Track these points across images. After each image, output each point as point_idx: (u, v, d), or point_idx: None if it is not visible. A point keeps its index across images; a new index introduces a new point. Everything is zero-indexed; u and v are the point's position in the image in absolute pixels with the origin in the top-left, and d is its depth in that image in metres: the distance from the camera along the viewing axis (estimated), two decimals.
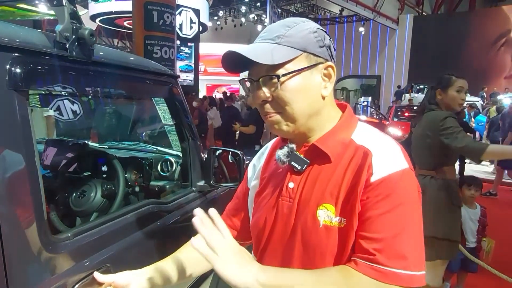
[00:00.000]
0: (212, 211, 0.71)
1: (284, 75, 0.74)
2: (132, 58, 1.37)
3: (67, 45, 0.96)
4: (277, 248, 0.84)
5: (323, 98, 0.80)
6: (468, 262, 2.66)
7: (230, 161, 1.76)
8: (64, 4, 0.95)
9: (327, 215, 0.76)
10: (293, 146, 0.84)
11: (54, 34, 0.95)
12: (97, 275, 0.93)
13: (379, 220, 0.71)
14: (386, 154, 0.76)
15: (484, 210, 2.78)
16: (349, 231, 0.74)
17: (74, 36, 0.96)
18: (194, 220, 0.69)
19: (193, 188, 1.67)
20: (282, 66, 0.74)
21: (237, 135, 6.20)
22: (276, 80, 0.75)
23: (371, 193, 0.72)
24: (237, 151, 1.63)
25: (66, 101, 2.47)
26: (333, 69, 0.80)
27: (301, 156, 0.81)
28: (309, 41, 0.77)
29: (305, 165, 0.80)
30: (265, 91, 0.77)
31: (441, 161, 2.20)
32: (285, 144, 0.86)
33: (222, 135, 6.31)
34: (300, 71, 0.75)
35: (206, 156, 1.69)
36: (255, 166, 1.01)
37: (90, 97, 2.17)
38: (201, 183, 1.68)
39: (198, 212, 0.70)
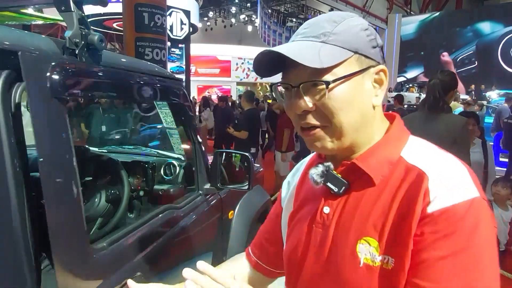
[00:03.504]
0: (201, 264, 0.60)
1: (333, 81, 0.62)
2: (144, 64, 1.40)
3: (77, 51, 0.95)
4: (309, 284, 0.71)
5: (373, 108, 0.67)
6: None
7: (232, 163, 1.77)
8: (73, 9, 0.95)
9: (369, 251, 0.61)
10: (330, 164, 0.70)
11: (64, 40, 0.95)
12: (131, 283, 0.89)
13: (438, 266, 0.56)
14: (449, 177, 0.60)
15: None
16: (399, 274, 0.58)
17: (83, 42, 0.96)
18: (186, 284, 0.58)
19: (200, 192, 1.68)
20: (329, 70, 0.61)
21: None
22: (323, 87, 0.62)
23: (427, 228, 0.57)
24: (246, 154, 1.64)
25: None
26: (386, 74, 0.68)
27: (339, 176, 0.68)
28: (361, 40, 0.64)
29: (343, 188, 0.67)
30: (307, 100, 0.63)
31: None
32: (321, 161, 0.73)
33: (217, 137, 6.29)
34: (350, 76, 0.63)
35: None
36: (289, 183, 0.88)
37: (108, 103, 2.16)
38: (207, 186, 1.69)
39: (187, 273, 0.59)
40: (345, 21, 0.65)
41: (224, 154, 1.69)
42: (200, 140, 1.69)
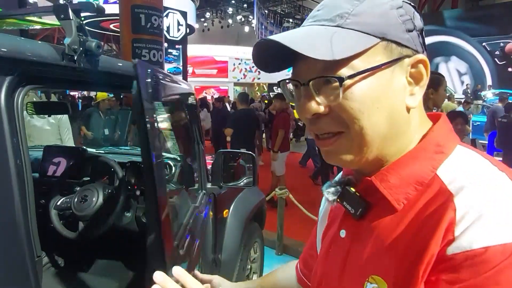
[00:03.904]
0: (176, 269, 0.57)
1: (350, 76, 0.47)
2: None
3: (75, 57, 1.00)
4: None
5: (408, 110, 0.51)
6: None
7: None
8: (71, 17, 1.00)
9: None
10: (346, 179, 0.59)
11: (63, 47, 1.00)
12: (198, 273, 0.84)
13: None
14: (488, 206, 0.42)
15: None
16: None
17: (81, 48, 1.01)
18: None
19: (204, 191, 1.76)
20: (347, 62, 0.47)
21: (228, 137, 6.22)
22: (337, 84, 0.48)
23: (445, 275, 0.42)
24: (249, 152, 1.74)
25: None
26: (426, 66, 0.51)
27: (357, 195, 0.55)
28: (391, 22, 0.49)
29: (360, 209, 0.54)
30: (319, 101, 0.50)
31: None
32: (346, 174, 0.61)
33: (214, 137, 6.34)
34: (374, 70, 0.48)
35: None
36: None
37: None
38: (209, 185, 1.79)
39: (158, 277, 0.55)
40: None
41: (226, 153, 1.79)
42: (203, 141, 1.79)
